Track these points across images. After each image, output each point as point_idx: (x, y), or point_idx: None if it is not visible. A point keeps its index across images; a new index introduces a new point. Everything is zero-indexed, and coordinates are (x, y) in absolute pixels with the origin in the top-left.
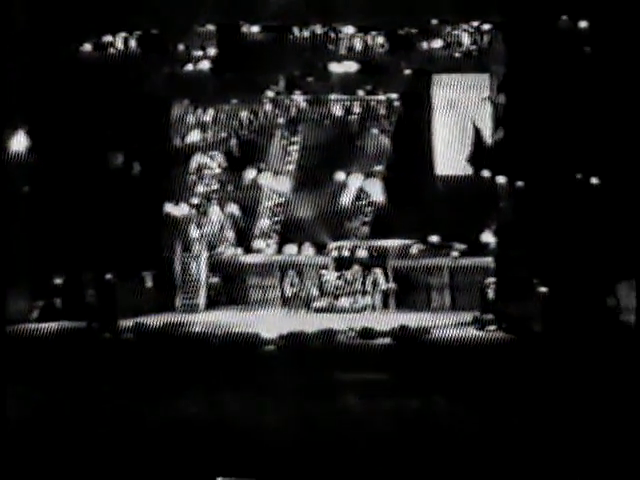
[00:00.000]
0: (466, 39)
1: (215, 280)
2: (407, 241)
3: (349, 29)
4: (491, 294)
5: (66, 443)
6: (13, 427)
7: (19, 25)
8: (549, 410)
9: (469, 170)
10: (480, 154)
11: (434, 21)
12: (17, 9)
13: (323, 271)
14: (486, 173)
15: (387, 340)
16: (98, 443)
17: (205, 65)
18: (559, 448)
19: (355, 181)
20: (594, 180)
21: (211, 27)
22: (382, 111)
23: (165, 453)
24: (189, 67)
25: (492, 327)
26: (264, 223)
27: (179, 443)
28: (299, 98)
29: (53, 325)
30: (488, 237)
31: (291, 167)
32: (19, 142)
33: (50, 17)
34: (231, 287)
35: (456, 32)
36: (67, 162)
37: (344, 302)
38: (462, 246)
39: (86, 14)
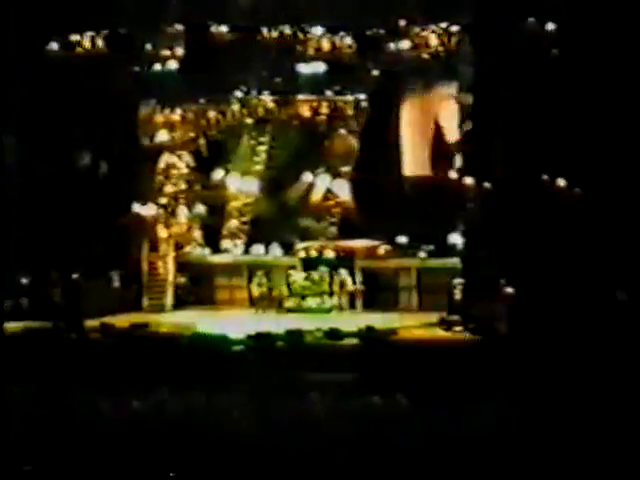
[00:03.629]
0: (434, 40)
1: (182, 280)
2: (374, 242)
3: (317, 30)
4: (458, 295)
5: (30, 441)
6: None
7: None
8: (514, 410)
9: (436, 171)
10: (446, 155)
11: (402, 22)
12: None
13: (291, 271)
14: (453, 174)
15: (354, 340)
16: (63, 441)
17: (173, 65)
18: (521, 446)
19: (323, 181)
20: (560, 181)
21: (179, 27)
22: (350, 112)
23: (131, 452)
24: (157, 67)
25: (459, 328)
26: (232, 223)
27: (145, 441)
28: (267, 98)
29: (19, 325)
30: (455, 238)
31: (259, 167)
32: None
33: (16, 16)
34: (199, 287)
35: (424, 33)
36: (33, 162)
37: (311, 302)
38: (429, 247)
39: (53, 13)
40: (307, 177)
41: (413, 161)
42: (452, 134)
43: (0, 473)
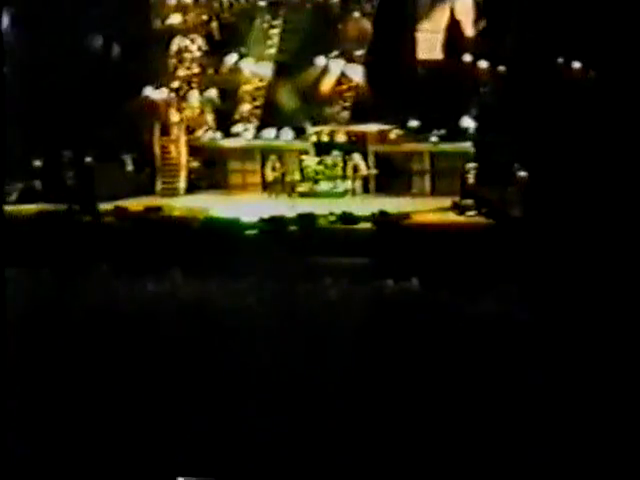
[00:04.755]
0: None
1: (195, 164)
2: (387, 126)
3: None
4: (471, 179)
5: (44, 324)
6: None
7: None
8: (527, 294)
9: (450, 55)
10: (462, 40)
11: None
12: None
13: (303, 156)
14: (467, 58)
15: (367, 225)
16: (78, 324)
17: None
18: (533, 330)
19: (336, 65)
20: (575, 64)
21: None
22: None
23: (145, 334)
24: None
25: (471, 212)
26: (244, 107)
27: (158, 324)
28: None
29: (32, 207)
30: (468, 122)
31: (272, 51)
32: None
33: None
34: (211, 171)
35: None
36: (47, 44)
37: (324, 187)
38: (442, 131)
39: None
40: (320, 61)
41: (426, 45)
42: (467, 16)
43: (13, 356)
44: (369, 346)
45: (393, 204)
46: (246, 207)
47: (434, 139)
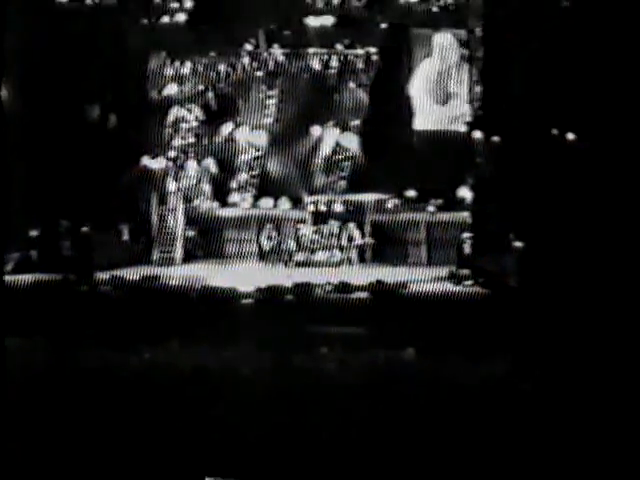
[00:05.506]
0: None
1: (192, 233)
2: (383, 196)
3: None
4: (467, 249)
5: (40, 394)
6: None
7: None
8: (522, 363)
9: (446, 125)
10: (457, 110)
11: None
12: None
13: (300, 225)
14: (463, 128)
15: (364, 294)
16: (73, 394)
17: (182, 17)
18: (529, 398)
19: (332, 135)
20: (570, 136)
21: None
22: (360, 65)
23: (141, 404)
24: (166, 19)
25: (468, 282)
26: (241, 177)
27: (155, 394)
28: (277, 52)
29: (29, 277)
30: (464, 192)
31: (268, 121)
32: None
33: None
34: (208, 240)
35: None
36: (43, 113)
37: (321, 256)
38: (439, 201)
39: None
40: (316, 131)
41: (422, 115)
42: (463, 86)
43: (8, 425)
44: (365, 415)
45: (390, 273)
46: (242, 276)
47: (431, 209)
